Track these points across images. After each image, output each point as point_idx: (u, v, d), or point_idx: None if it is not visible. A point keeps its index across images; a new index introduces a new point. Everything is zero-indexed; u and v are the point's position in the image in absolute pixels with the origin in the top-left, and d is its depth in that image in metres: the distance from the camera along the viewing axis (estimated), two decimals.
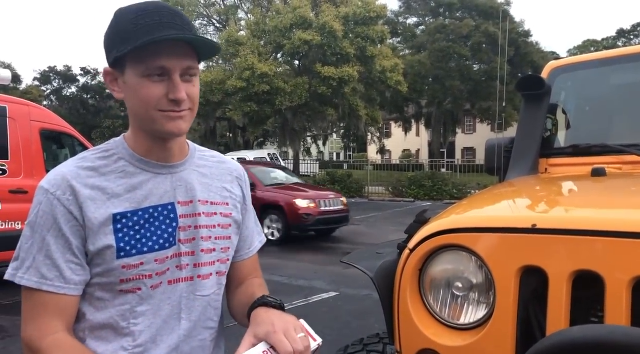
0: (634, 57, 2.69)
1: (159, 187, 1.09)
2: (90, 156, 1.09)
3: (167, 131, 1.06)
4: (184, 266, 1.11)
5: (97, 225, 1.02)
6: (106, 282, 1.04)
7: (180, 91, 1.02)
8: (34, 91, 39.72)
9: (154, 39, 0.98)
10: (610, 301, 1.21)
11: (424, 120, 39.03)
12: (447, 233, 1.51)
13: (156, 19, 1.01)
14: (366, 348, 1.99)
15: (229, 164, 1.27)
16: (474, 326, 1.47)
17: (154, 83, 1.02)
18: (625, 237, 1.23)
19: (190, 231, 1.12)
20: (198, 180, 1.16)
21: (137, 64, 1.01)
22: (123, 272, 1.03)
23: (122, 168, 1.08)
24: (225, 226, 1.18)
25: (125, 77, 1.04)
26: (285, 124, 25.61)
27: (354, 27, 23.77)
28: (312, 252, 9.62)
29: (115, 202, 1.04)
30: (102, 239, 1.02)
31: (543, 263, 1.32)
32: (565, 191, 1.96)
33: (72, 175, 1.04)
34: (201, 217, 1.14)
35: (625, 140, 2.44)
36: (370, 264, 1.73)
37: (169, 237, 1.08)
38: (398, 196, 19.82)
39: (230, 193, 1.22)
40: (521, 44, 34.32)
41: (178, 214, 1.10)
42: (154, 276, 1.06)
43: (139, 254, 1.04)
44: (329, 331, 4.71)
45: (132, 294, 1.05)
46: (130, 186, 1.07)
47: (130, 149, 1.10)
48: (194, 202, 1.13)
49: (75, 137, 7.45)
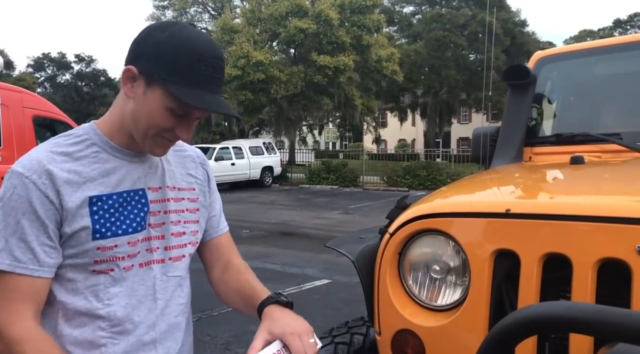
0: (618, 48, 2.73)
1: (132, 173, 1.14)
2: (62, 141, 1.11)
3: (152, 152, 1.13)
4: (154, 249, 1.15)
5: (74, 207, 1.05)
6: (79, 263, 1.07)
7: (188, 132, 1.10)
8: (27, 77, 39.41)
9: (208, 108, 1.05)
10: (577, 282, 1.27)
11: (420, 110, 39.05)
12: (425, 218, 1.55)
13: (210, 71, 1.03)
14: (350, 330, 2.04)
15: (189, 151, 1.31)
16: (450, 308, 1.52)
17: (172, 116, 1.06)
18: (592, 221, 1.28)
19: (159, 216, 1.16)
20: (165, 167, 1.21)
21: (170, 99, 1.03)
22: (97, 253, 1.06)
23: (95, 154, 1.11)
24: (192, 210, 1.23)
25: (149, 92, 1.05)
26: (281, 113, 25.59)
27: (350, 15, 23.69)
28: (306, 240, 9.69)
29: (91, 186, 1.07)
30: (78, 221, 1.05)
31: (515, 246, 1.37)
32: (542, 177, 2.00)
33: (48, 159, 1.06)
34: (170, 202, 1.19)
35: (608, 129, 2.49)
36: (352, 248, 1.78)
37: (141, 221, 1.12)
38: (393, 186, 19.89)
39: (195, 178, 1.27)
40: (517, 34, 34.32)
41: (149, 199, 1.15)
42: (126, 258, 1.10)
43: (113, 236, 1.08)
44: (320, 318, 4.78)
45: (104, 275, 1.08)
46: (104, 171, 1.10)
47: (105, 136, 1.13)
48: (162, 188, 1.18)
49: (69, 125, 7.42)
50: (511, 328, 0.91)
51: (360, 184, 20.98)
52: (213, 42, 1.09)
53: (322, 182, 21.12)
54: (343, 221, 11.84)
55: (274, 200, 16.41)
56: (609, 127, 2.57)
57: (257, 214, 12.91)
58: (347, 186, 20.65)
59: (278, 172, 21.75)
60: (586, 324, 0.83)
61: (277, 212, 13.46)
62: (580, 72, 2.87)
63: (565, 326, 0.85)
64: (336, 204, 15.30)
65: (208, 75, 1.04)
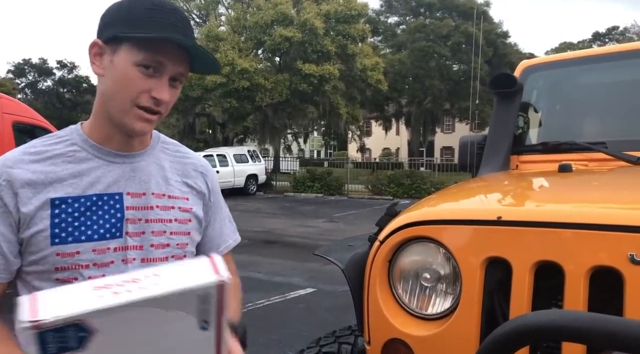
0: (602, 58, 2.76)
1: (108, 176, 1.06)
2: (40, 141, 1.07)
3: (133, 129, 1.05)
4: (130, 260, 1.06)
5: (33, 210, 0.99)
6: (42, 270, 1.01)
7: (165, 92, 1.03)
8: (7, 83, 38.76)
9: (168, 37, 1.00)
10: (569, 290, 1.26)
11: (404, 119, 39.27)
12: (415, 225, 1.54)
13: (171, 19, 1.02)
14: (338, 339, 2.01)
15: (193, 158, 1.23)
16: (441, 316, 1.50)
17: (143, 75, 1.01)
18: (584, 228, 1.27)
19: (139, 224, 1.08)
20: (157, 172, 1.13)
21: (135, 51, 1.01)
22: (57, 260, 1.00)
23: (72, 153, 1.06)
24: (183, 221, 1.14)
25: (115, 57, 1.02)
26: (266, 121, 25.52)
27: (335, 24, 23.81)
28: (291, 249, 9.63)
29: (57, 187, 1.02)
30: (37, 224, 0.99)
31: (507, 254, 1.36)
32: (531, 185, 2.01)
33: (14, 160, 1.02)
34: (154, 210, 1.10)
35: (593, 138, 2.51)
36: (341, 256, 1.76)
37: (111, 227, 1.04)
38: (377, 194, 19.93)
39: (191, 188, 1.18)
40: (499, 45, 34.80)
41: (125, 205, 1.06)
42: (92, 266, 1.02)
43: (76, 242, 1.01)
44: (305, 327, 4.73)
45: (68, 285, 1.03)
46: (76, 172, 1.04)
47: (85, 134, 1.08)
48: (146, 194, 1.10)
49: (49, 131, 7.30)
50: (507, 336, 0.89)
51: (345, 193, 20.98)
52: (174, 4, 1.08)
53: (306, 190, 21.08)
54: (328, 230, 11.80)
55: (258, 208, 16.32)
56: (594, 136, 2.59)
57: (241, 223, 12.71)
58: (331, 194, 20.64)
59: (263, 180, 21.66)
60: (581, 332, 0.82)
61: (261, 220, 13.37)
62: (565, 82, 2.90)
63: (561, 335, 0.83)
64: (321, 213, 15.26)
65: (170, 23, 1.02)
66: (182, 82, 1.08)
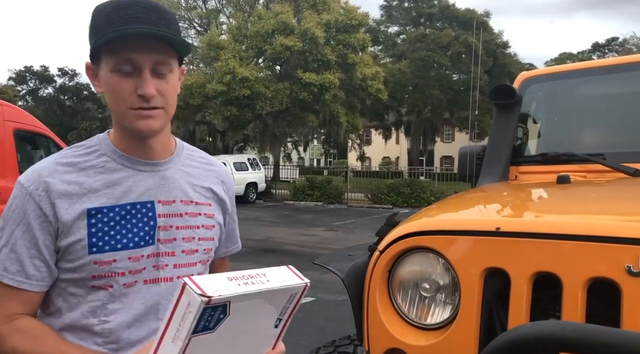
0: (601, 70, 2.79)
1: (140, 185, 1.08)
2: (70, 152, 1.09)
3: (137, 129, 1.05)
4: (163, 266, 1.09)
5: (71, 220, 1.02)
6: (78, 277, 1.04)
7: (148, 86, 1.01)
8: (9, 90, 38.87)
9: (119, 32, 0.98)
10: (567, 301, 1.27)
11: (404, 128, 39.37)
12: (415, 235, 1.55)
13: (130, 12, 1.00)
14: (337, 349, 2.02)
15: (216, 166, 1.26)
16: (440, 326, 1.51)
17: (123, 78, 1.01)
18: (582, 240, 1.28)
19: (170, 231, 1.10)
20: (184, 179, 1.15)
21: (108, 58, 1.02)
22: (95, 268, 1.02)
23: (103, 164, 1.08)
24: (208, 226, 1.17)
25: (101, 71, 1.04)
26: (266, 129, 25.57)
27: (336, 34, 23.91)
28: (290, 257, 9.61)
29: (92, 197, 1.04)
30: (74, 234, 1.02)
31: (505, 265, 1.37)
32: (530, 196, 2.02)
33: (49, 171, 1.04)
34: (183, 217, 1.12)
35: (592, 149, 2.53)
36: (341, 266, 1.77)
37: (145, 235, 1.07)
38: (377, 203, 19.93)
39: (214, 194, 1.21)
40: (499, 55, 34.94)
41: (157, 213, 1.09)
42: (127, 274, 1.05)
43: (112, 250, 1.03)
44: (304, 336, 4.72)
45: (103, 291, 1.04)
46: (109, 182, 1.06)
47: (112, 145, 1.10)
48: (175, 201, 1.12)
49: (50, 138, 7.33)
50: (505, 347, 0.90)
51: (345, 201, 20.98)
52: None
53: (306, 198, 21.08)
54: (327, 238, 11.79)
55: (258, 216, 16.31)
56: (592, 148, 2.61)
57: (240, 231, 12.60)
58: (331, 203, 20.64)
59: (262, 188, 21.67)
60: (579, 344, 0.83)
61: (261, 228, 13.35)
62: (564, 93, 2.92)
63: (559, 346, 0.85)
64: (320, 221, 15.25)
65: (129, 16, 0.99)
66: (172, 70, 1.05)
